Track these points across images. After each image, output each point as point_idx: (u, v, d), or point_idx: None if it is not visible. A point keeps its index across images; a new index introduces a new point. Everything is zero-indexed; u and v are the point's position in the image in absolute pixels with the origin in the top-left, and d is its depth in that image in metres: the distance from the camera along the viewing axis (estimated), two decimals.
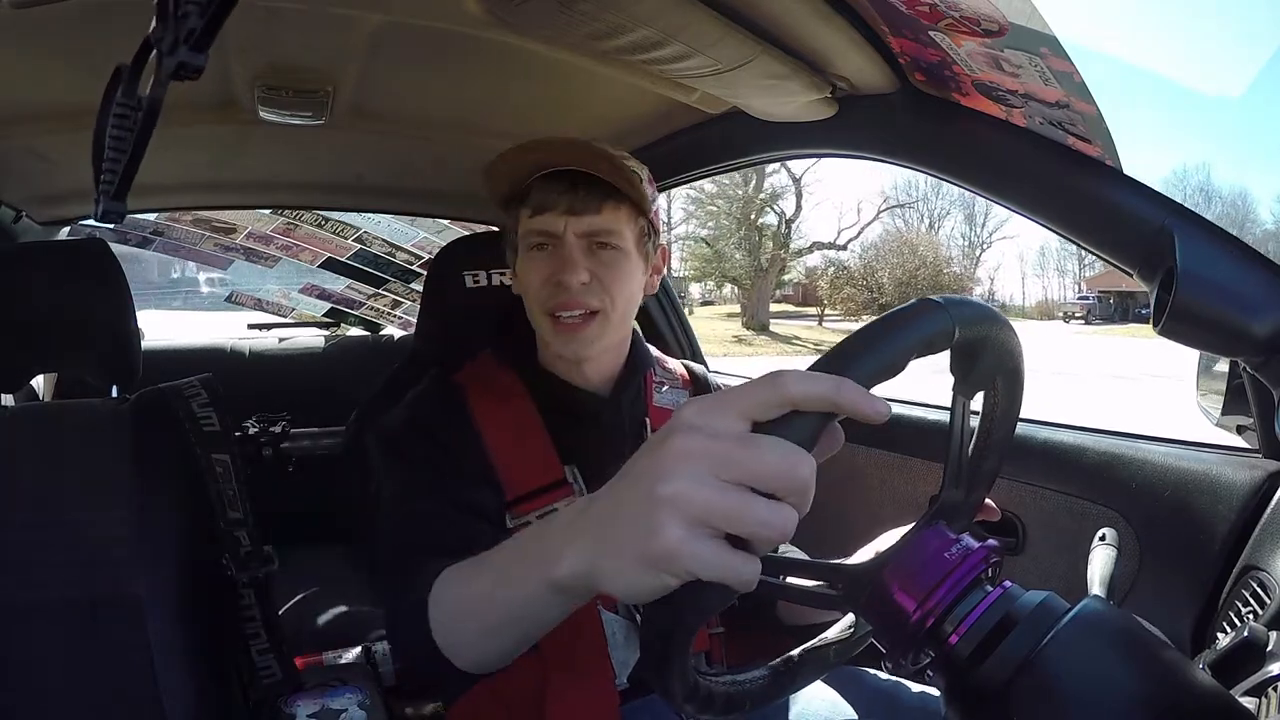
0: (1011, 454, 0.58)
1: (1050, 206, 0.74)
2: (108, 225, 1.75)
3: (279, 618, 0.90)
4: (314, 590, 1.37)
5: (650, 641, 0.42)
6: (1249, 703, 0.41)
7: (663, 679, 0.43)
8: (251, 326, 2.16)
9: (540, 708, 0.75)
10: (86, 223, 1.66)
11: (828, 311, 22.83)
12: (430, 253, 2.01)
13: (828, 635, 0.55)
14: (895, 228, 26.96)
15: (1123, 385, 10.23)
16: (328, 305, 2.25)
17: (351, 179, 1.52)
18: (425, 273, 1.19)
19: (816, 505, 0.35)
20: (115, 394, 1.03)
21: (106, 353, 0.88)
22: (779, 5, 0.70)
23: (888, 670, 0.46)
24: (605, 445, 0.85)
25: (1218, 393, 0.79)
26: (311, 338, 2.05)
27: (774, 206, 22.61)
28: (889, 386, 0.48)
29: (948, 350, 0.43)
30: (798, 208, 22.48)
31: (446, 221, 1.98)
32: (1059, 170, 0.71)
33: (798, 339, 18.91)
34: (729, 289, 26.00)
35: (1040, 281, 35.55)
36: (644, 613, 0.44)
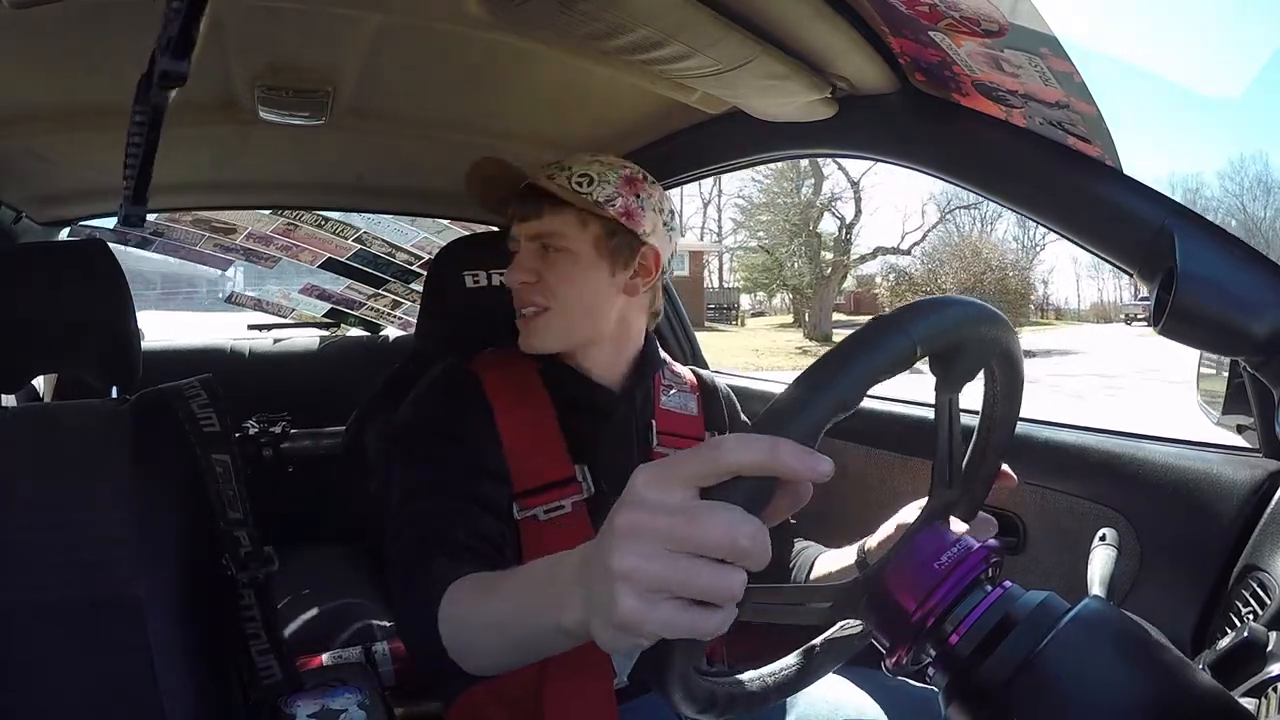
0: (1011, 454, 0.58)
1: (1050, 206, 0.74)
2: (108, 225, 1.75)
3: (279, 618, 0.90)
4: (314, 590, 1.37)
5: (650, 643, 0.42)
6: (1249, 703, 0.41)
7: (662, 679, 0.43)
8: (251, 327, 2.16)
9: (539, 706, 0.75)
10: (86, 223, 1.66)
11: None
12: (430, 253, 2.01)
13: (828, 636, 0.55)
14: (946, 231, 25.83)
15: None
16: (328, 306, 2.25)
17: (351, 179, 1.52)
18: (425, 273, 1.19)
19: (817, 505, 0.35)
20: (115, 394, 1.03)
21: (106, 353, 0.88)
22: (779, 5, 0.70)
23: (888, 670, 0.46)
24: (613, 443, 0.86)
25: (1218, 393, 0.79)
26: (308, 338, 2.05)
27: (834, 211, 21.95)
28: (890, 387, 0.48)
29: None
30: (857, 212, 21.84)
31: (446, 221, 1.98)
32: (1059, 170, 0.70)
33: None
34: (779, 299, 25.26)
35: (1095, 284, 35.27)
36: None
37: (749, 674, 0.48)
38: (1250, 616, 0.62)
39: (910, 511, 0.70)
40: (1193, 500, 0.76)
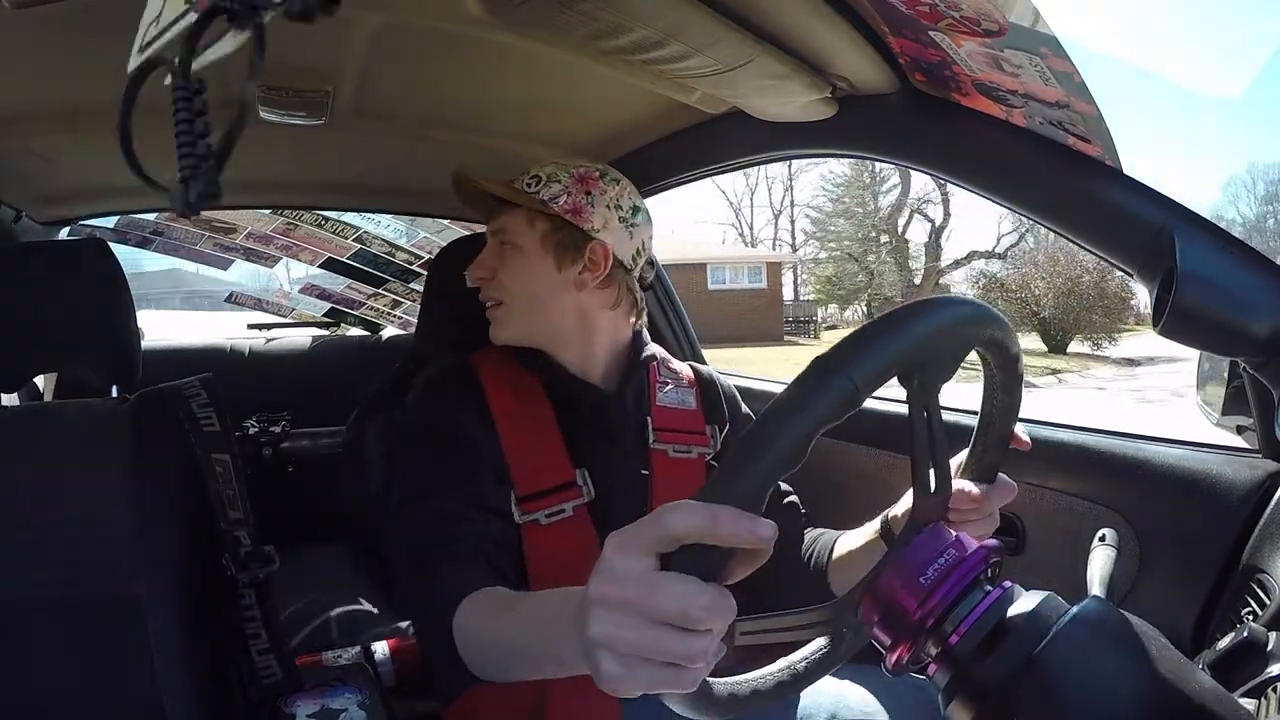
0: (1011, 454, 0.58)
1: (1050, 206, 0.74)
2: (108, 225, 1.75)
3: (279, 618, 0.90)
4: (314, 590, 1.37)
5: None
6: (1249, 703, 0.41)
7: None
8: (251, 326, 2.16)
9: (542, 707, 0.75)
10: (86, 222, 1.66)
11: None
12: (430, 253, 2.00)
13: (828, 638, 0.55)
14: (1037, 234, 23.26)
15: None
16: (328, 305, 2.25)
17: (351, 179, 1.52)
18: (425, 273, 1.19)
19: (819, 506, 0.35)
20: (115, 394, 1.03)
21: (106, 353, 0.88)
22: (779, 5, 0.70)
23: (888, 670, 0.46)
24: (607, 442, 0.86)
25: (1218, 392, 0.79)
26: (301, 337, 2.04)
27: (924, 214, 20.67)
28: (892, 387, 0.48)
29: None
30: (946, 214, 20.72)
31: (446, 221, 1.98)
32: (1059, 170, 0.70)
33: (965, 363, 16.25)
34: (851, 312, 24.11)
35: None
36: None
37: (750, 674, 0.48)
38: (1250, 616, 0.62)
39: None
40: (1193, 500, 0.76)
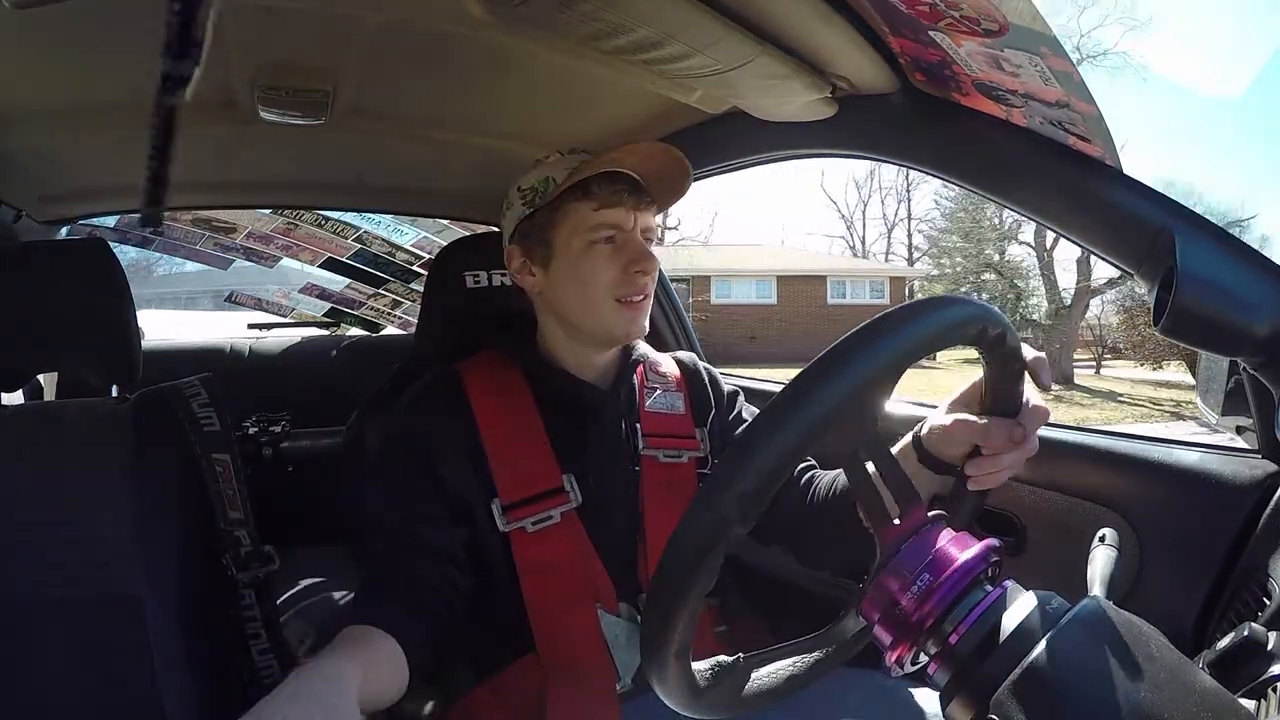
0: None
1: (1050, 206, 0.74)
2: (108, 225, 1.75)
3: (279, 618, 0.90)
4: (314, 590, 1.37)
5: (650, 643, 0.42)
6: (1249, 703, 0.41)
7: (663, 680, 0.43)
8: (251, 326, 2.16)
9: (542, 708, 0.75)
10: (86, 222, 1.66)
11: (1108, 358, 16.30)
12: (430, 253, 2.00)
13: (827, 637, 0.55)
14: None
15: None
16: (328, 305, 2.25)
17: (351, 179, 1.52)
18: (425, 273, 1.19)
19: None
20: (115, 394, 1.03)
21: (106, 353, 0.88)
22: (779, 5, 0.70)
23: (888, 670, 0.46)
24: (603, 446, 0.85)
25: (1218, 393, 0.79)
26: (301, 337, 2.04)
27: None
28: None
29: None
30: None
31: (446, 221, 1.98)
32: (1059, 170, 0.70)
33: (1121, 395, 12.92)
34: None
35: None
36: (643, 613, 0.44)
37: (749, 675, 0.48)
38: (1250, 616, 0.62)
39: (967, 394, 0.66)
40: (1193, 500, 0.76)
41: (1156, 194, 0.67)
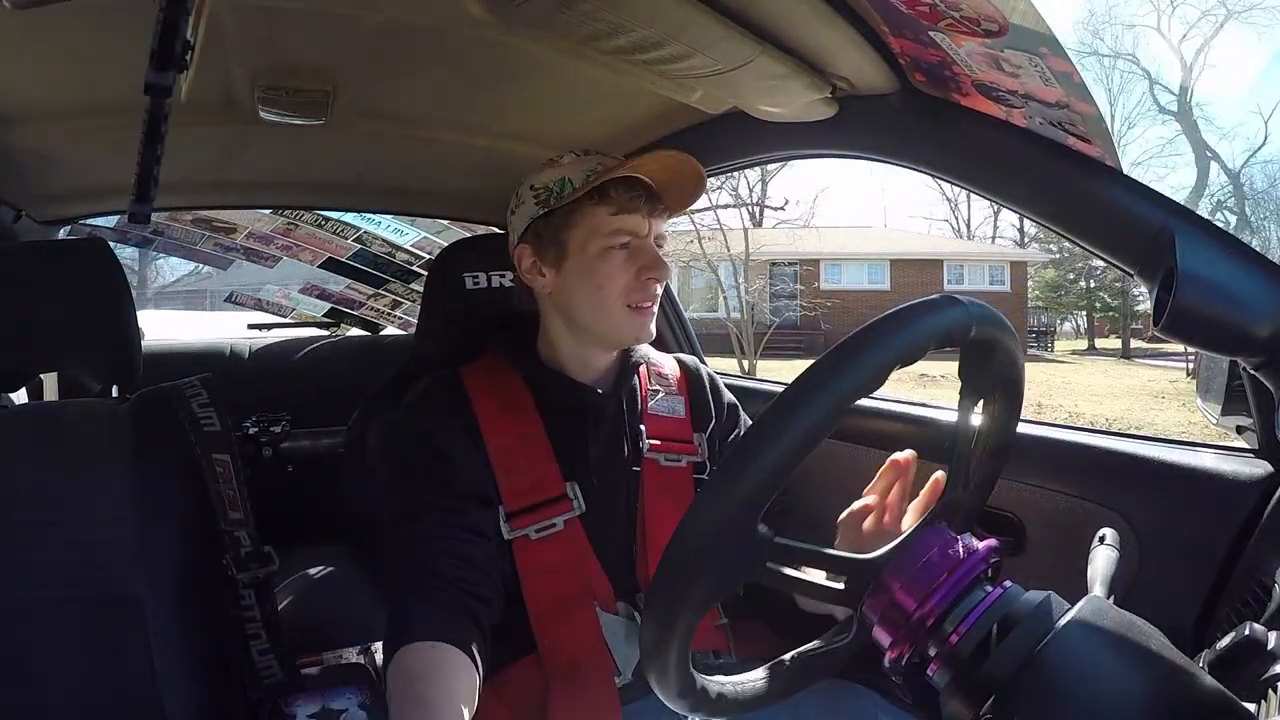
0: (1011, 454, 0.58)
1: (1050, 206, 0.74)
2: (108, 225, 1.75)
3: (279, 618, 0.90)
4: (314, 590, 1.37)
5: (649, 642, 0.42)
6: (1249, 703, 0.41)
7: (662, 678, 0.43)
8: (252, 326, 2.15)
9: (543, 707, 0.75)
10: (86, 222, 1.66)
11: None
12: (430, 253, 2.00)
13: (828, 637, 0.55)
14: None
15: None
16: (328, 305, 2.25)
17: (351, 179, 1.52)
18: (425, 273, 1.19)
19: (817, 506, 0.35)
20: (115, 394, 1.03)
21: (106, 353, 0.88)
22: (779, 5, 0.70)
23: (887, 671, 0.46)
24: (604, 449, 0.85)
25: (1218, 393, 0.79)
26: (301, 337, 2.04)
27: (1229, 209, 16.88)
28: (892, 386, 0.48)
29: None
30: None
31: (446, 221, 1.98)
32: (1059, 170, 0.70)
33: None
34: (1069, 325, 21.19)
35: None
36: (643, 613, 0.44)
37: (748, 674, 0.48)
38: (1250, 616, 0.62)
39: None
40: (1193, 500, 0.76)
41: (1156, 194, 0.67)
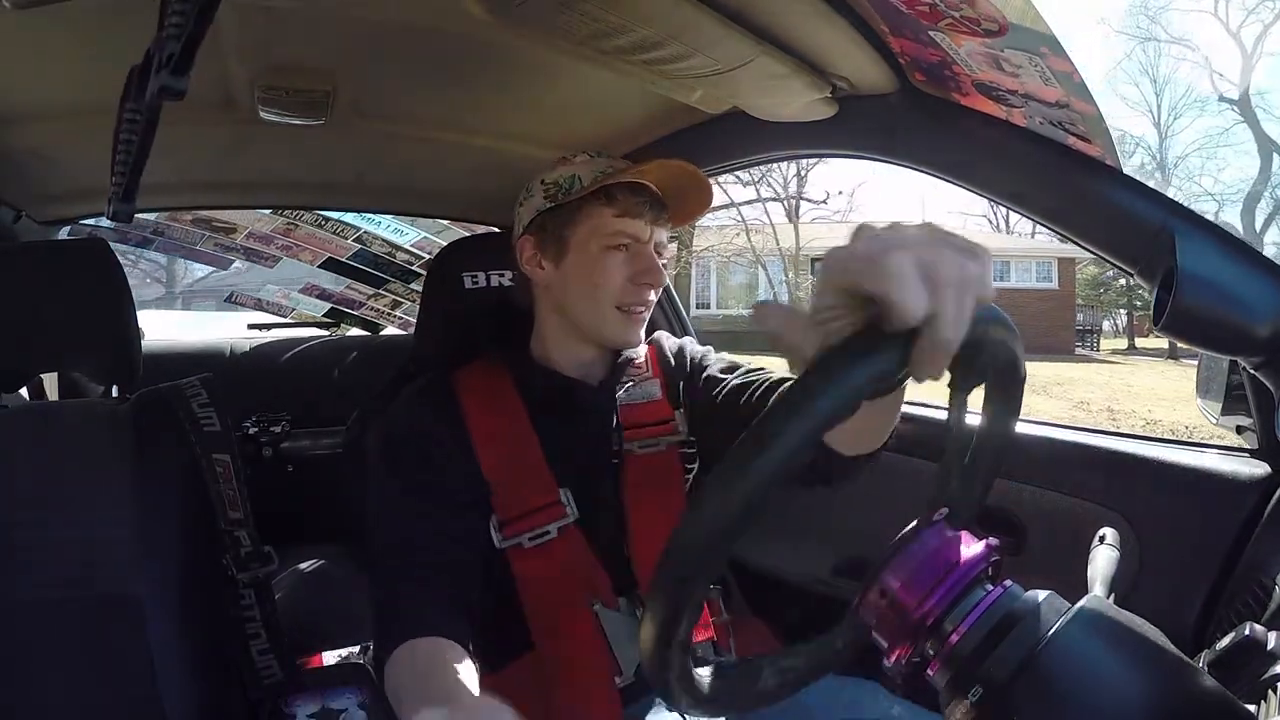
0: (1011, 454, 0.58)
1: (1050, 206, 0.74)
2: (108, 225, 1.75)
3: (279, 617, 0.90)
4: (314, 590, 1.37)
5: (648, 640, 0.42)
6: (1249, 703, 0.41)
7: (662, 677, 0.43)
8: (252, 326, 2.15)
9: (541, 707, 0.75)
10: (86, 222, 1.66)
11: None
12: (430, 253, 2.00)
13: (828, 636, 0.55)
14: None
15: None
16: (328, 305, 2.25)
17: (351, 179, 1.52)
18: (425, 273, 1.19)
19: (822, 507, 0.35)
20: (115, 394, 1.03)
21: (106, 353, 0.88)
22: (779, 5, 0.70)
23: (887, 669, 0.46)
24: (591, 445, 0.85)
25: (1218, 393, 0.79)
26: (300, 337, 2.04)
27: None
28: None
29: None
30: None
31: (446, 222, 1.98)
32: (1059, 170, 0.71)
33: None
34: (1108, 323, 19.79)
35: None
36: (644, 611, 0.44)
37: (748, 673, 0.48)
38: (1250, 616, 0.62)
39: None
40: (1193, 500, 0.76)
41: (1156, 194, 0.67)
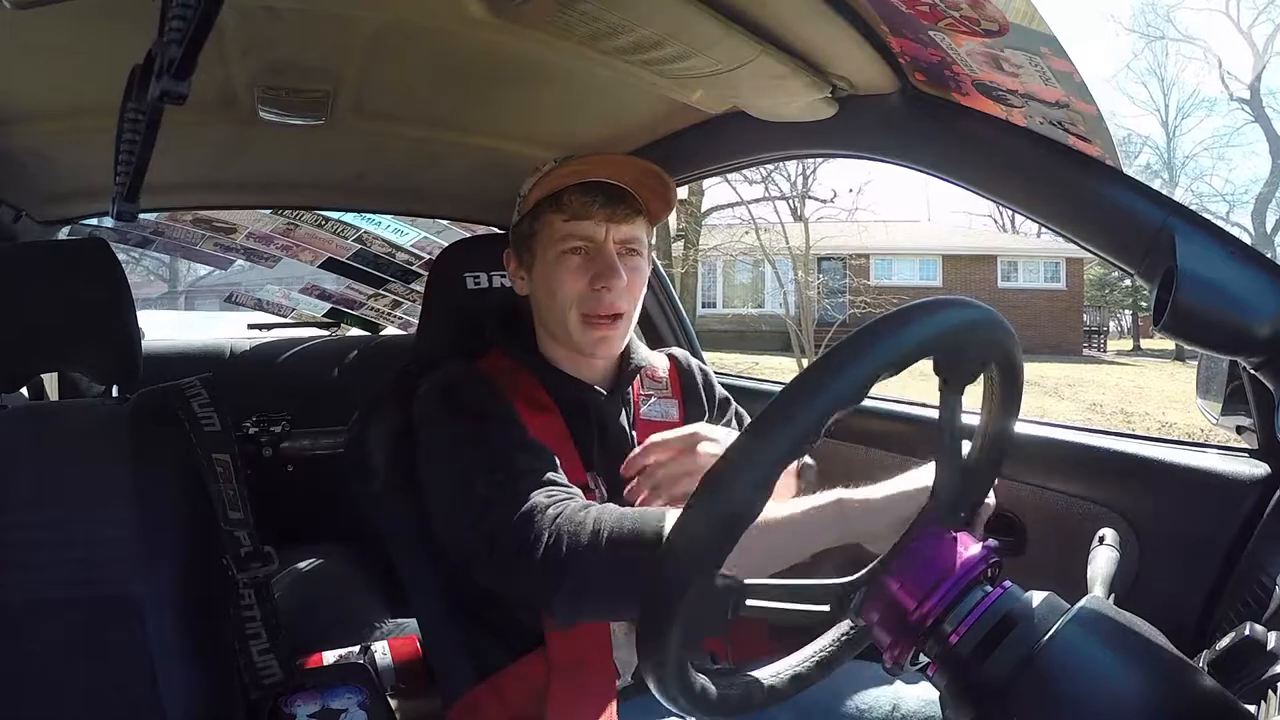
0: (1011, 454, 0.58)
1: (1050, 206, 0.74)
2: (108, 225, 1.75)
3: (279, 617, 0.90)
4: (314, 590, 1.37)
5: (647, 642, 0.42)
6: (1249, 703, 0.41)
7: (661, 679, 0.43)
8: (252, 326, 2.16)
9: (542, 706, 0.75)
10: (86, 222, 1.66)
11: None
12: (430, 253, 2.00)
13: (829, 637, 0.55)
14: None
15: None
16: (328, 305, 2.25)
17: (351, 179, 1.52)
18: (425, 273, 1.18)
19: None
20: (115, 394, 1.03)
21: (106, 353, 0.88)
22: (779, 5, 0.70)
23: (887, 670, 0.46)
24: (608, 453, 0.85)
25: (1218, 393, 0.79)
26: (300, 337, 2.04)
27: None
28: (888, 386, 0.48)
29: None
30: None
31: (446, 222, 1.98)
32: (1059, 170, 0.70)
33: None
34: (1114, 324, 20.02)
35: None
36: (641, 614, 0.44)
37: (748, 676, 0.48)
38: (1250, 616, 0.62)
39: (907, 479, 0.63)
40: (1193, 500, 0.76)
41: (1156, 193, 0.67)
